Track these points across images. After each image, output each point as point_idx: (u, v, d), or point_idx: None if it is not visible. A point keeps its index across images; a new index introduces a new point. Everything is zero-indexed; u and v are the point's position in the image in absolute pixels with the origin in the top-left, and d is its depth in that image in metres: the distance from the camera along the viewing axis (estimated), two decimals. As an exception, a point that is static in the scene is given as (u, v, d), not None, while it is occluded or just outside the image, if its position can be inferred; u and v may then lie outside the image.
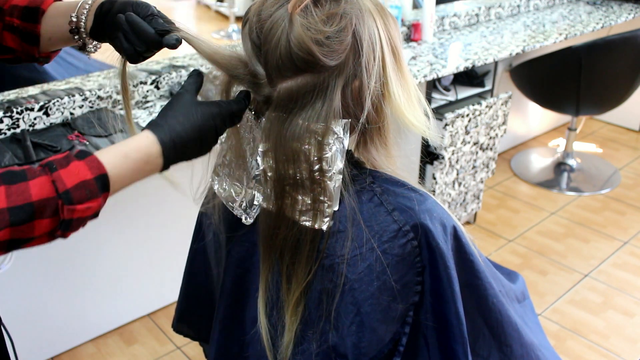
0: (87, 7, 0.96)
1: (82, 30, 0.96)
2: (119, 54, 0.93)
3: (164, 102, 1.98)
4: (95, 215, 0.77)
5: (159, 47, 0.88)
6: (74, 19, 0.96)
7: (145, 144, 0.80)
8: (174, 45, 0.87)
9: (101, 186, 0.75)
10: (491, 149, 2.61)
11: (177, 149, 0.81)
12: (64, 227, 0.74)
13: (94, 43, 0.99)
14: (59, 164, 0.73)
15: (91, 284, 2.07)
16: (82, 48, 0.99)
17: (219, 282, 1.05)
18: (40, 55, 1.03)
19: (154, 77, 1.99)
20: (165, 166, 0.82)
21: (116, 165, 0.77)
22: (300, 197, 0.87)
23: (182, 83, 0.92)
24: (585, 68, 2.75)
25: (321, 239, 0.87)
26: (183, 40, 0.88)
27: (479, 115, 2.44)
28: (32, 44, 1.00)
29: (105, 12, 0.93)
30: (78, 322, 2.09)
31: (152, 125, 0.81)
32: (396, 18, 2.56)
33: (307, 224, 0.87)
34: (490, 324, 0.97)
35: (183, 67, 2.11)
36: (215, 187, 0.99)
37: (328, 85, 0.82)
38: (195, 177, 1.01)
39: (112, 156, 0.77)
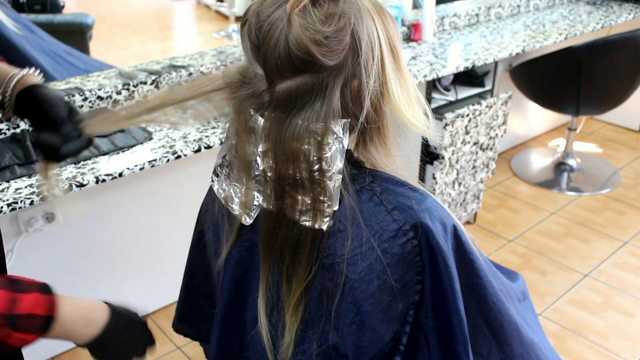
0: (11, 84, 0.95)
1: (7, 106, 0.97)
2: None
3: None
4: (19, 348, 0.83)
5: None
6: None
7: (100, 309, 0.92)
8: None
9: (44, 326, 0.80)
10: (491, 149, 2.61)
11: (113, 337, 0.93)
12: None
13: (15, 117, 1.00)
14: (26, 288, 0.79)
15: (91, 284, 2.07)
16: (8, 120, 1.00)
17: (219, 282, 1.05)
18: None
19: (154, 77, 1.99)
20: (97, 340, 0.92)
21: (68, 312, 0.85)
22: (300, 197, 0.87)
23: None
24: (585, 68, 2.75)
25: (321, 239, 0.87)
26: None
27: (479, 115, 2.44)
28: None
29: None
30: (78, 323, 2.08)
31: (111, 304, 0.94)
32: (396, 18, 2.57)
33: (307, 223, 0.87)
34: (490, 323, 0.97)
35: (183, 67, 2.11)
36: (215, 187, 0.99)
37: (327, 85, 0.82)
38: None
39: (69, 304, 0.86)
